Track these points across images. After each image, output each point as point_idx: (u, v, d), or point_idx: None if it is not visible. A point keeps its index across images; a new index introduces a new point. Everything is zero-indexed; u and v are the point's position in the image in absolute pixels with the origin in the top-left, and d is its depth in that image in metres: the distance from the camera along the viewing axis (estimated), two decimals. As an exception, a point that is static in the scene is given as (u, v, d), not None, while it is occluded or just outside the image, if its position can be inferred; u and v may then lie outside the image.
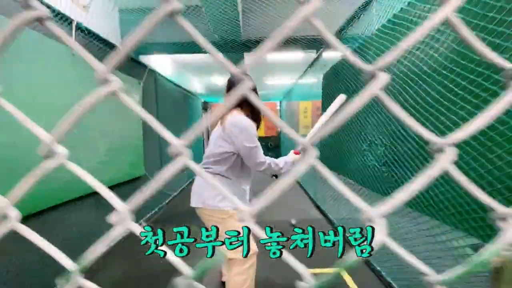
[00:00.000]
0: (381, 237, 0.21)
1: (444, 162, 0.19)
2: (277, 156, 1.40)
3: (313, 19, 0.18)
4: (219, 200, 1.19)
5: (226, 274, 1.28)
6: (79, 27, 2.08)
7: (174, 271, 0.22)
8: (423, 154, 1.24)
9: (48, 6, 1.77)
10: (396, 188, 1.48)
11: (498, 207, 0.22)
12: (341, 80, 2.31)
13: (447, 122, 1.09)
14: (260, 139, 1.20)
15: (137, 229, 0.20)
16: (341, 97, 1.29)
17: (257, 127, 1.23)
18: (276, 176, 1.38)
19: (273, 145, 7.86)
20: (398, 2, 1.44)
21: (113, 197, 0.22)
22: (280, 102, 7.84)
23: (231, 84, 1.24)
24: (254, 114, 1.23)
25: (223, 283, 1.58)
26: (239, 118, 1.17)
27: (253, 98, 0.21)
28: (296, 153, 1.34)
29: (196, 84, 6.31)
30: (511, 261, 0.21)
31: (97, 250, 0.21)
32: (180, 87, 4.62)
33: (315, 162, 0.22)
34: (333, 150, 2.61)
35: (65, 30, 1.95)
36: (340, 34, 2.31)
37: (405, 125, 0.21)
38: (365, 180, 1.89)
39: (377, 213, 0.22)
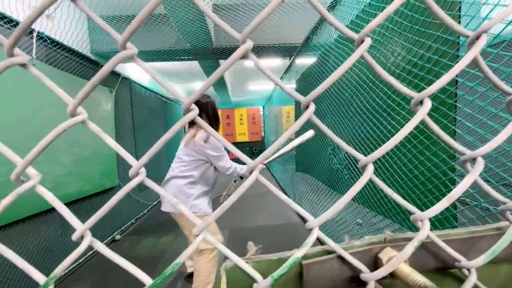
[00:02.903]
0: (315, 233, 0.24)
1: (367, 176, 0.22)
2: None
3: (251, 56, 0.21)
4: (190, 206, 1.39)
5: (194, 263, 1.51)
6: (42, 37, 2.03)
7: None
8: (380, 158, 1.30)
9: (6, 17, 1.72)
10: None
11: (416, 211, 0.24)
12: (308, 84, 2.39)
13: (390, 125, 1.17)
14: (245, 144, 1.36)
15: (99, 245, 0.22)
16: (310, 133, 1.41)
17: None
18: (242, 177, 1.61)
19: (258, 149, 7.89)
20: (348, 15, 1.53)
21: (73, 217, 0.23)
22: (263, 107, 7.92)
23: (197, 103, 1.45)
24: (215, 124, 1.52)
25: (189, 275, 1.80)
26: (205, 135, 1.43)
27: (199, 121, 0.25)
28: (262, 164, 1.46)
29: (177, 91, 6.25)
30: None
31: (64, 265, 0.22)
32: (158, 94, 4.57)
33: (258, 177, 0.25)
34: (307, 155, 2.67)
35: (26, 40, 1.90)
36: (307, 42, 2.40)
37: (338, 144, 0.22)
38: (331, 182, 1.95)
39: (314, 222, 0.25)
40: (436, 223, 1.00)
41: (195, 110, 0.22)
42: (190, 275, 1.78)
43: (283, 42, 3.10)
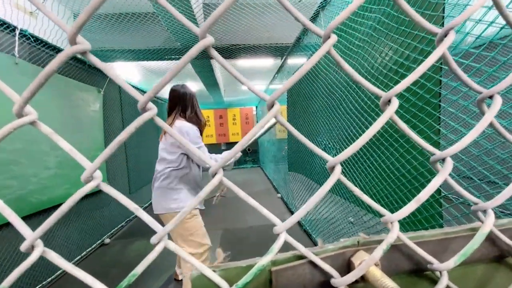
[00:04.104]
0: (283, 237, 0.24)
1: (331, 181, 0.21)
2: (254, 160, 1.45)
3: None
4: (178, 202, 1.33)
5: (183, 271, 1.48)
6: (24, 34, 1.96)
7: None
8: (368, 157, 1.32)
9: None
10: (344, 189, 1.56)
11: (386, 213, 0.24)
12: (299, 84, 2.40)
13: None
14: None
15: (53, 255, 0.20)
16: (272, 121, 1.41)
17: (201, 132, 1.41)
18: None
19: (251, 149, 7.88)
20: (338, 15, 1.54)
21: (24, 225, 0.22)
22: (257, 107, 7.91)
23: (173, 93, 1.47)
24: (196, 118, 1.43)
25: (178, 281, 1.78)
26: (181, 124, 1.35)
27: (158, 122, 0.23)
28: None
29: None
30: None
31: (11, 278, 0.21)
32: (149, 94, 4.49)
33: (223, 179, 0.25)
34: (299, 154, 2.67)
35: (8, 38, 1.83)
36: (298, 42, 2.40)
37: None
38: (323, 181, 1.96)
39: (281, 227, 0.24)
40: (423, 220, 1.01)
41: (152, 110, 0.20)
42: (181, 281, 1.75)
43: (274, 42, 3.10)
